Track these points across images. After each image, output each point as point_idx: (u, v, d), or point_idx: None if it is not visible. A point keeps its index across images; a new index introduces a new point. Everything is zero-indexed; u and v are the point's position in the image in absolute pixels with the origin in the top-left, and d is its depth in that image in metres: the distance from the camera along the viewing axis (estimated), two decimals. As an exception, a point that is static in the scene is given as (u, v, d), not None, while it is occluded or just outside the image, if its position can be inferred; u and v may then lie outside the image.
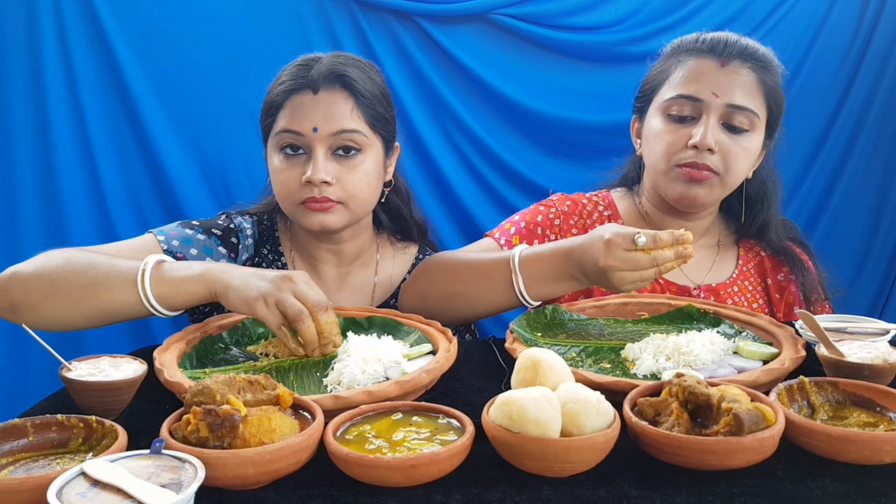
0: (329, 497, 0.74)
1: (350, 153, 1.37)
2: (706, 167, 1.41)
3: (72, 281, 1.13)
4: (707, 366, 1.04)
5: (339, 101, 1.36)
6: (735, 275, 1.55)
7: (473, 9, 2.36)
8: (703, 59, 1.44)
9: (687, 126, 1.43)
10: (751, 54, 1.43)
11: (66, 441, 0.81)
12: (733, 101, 1.40)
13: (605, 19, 2.42)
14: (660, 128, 1.46)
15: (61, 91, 2.25)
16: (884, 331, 1.14)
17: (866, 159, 2.55)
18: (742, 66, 1.42)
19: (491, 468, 0.79)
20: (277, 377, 1.04)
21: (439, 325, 1.20)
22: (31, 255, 1.19)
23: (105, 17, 2.25)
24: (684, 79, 1.44)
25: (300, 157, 1.37)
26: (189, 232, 1.41)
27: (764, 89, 1.43)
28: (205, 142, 2.35)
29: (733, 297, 1.52)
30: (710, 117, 1.40)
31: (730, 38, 1.44)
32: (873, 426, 0.84)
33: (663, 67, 1.50)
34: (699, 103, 1.41)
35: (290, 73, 1.40)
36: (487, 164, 2.49)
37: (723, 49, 1.42)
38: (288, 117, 1.37)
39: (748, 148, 1.44)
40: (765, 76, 1.43)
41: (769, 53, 1.46)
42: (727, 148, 1.41)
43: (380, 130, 1.42)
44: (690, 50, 1.46)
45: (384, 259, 1.57)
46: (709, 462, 0.76)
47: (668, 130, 1.44)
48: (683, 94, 1.43)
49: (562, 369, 0.87)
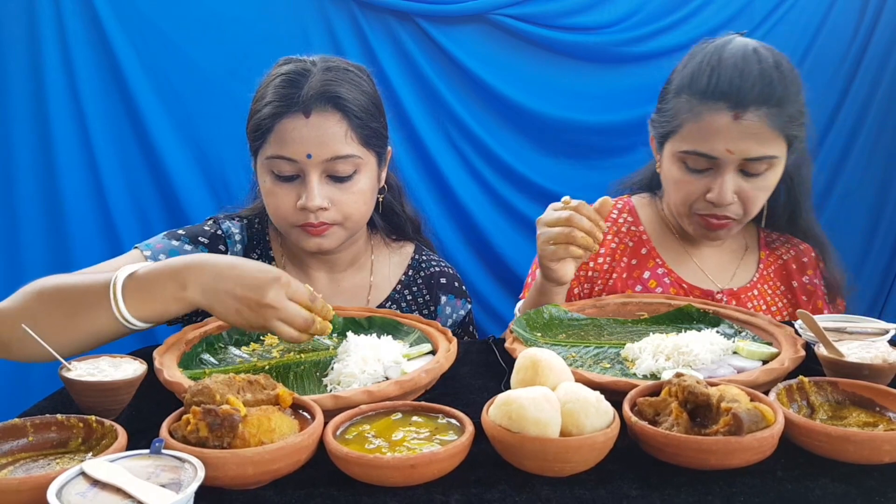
0: (329, 497, 0.74)
1: (345, 179, 1.32)
2: (725, 217, 1.39)
3: (51, 313, 1.06)
4: (707, 366, 1.04)
5: (333, 124, 1.30)
6: (755, 279, 1.55)
7: (473, 9, 2.36)
8: (715, 114, 1.33)
9: (704, 177, 1.38)
10: (766, 98, 1.31)
11: (65, 441, 0.81)
12: (749, 154, 1.33)
13: (605, 19, 2.43)
14: (677, 176, 1.42)
15: (61, 91, 2.26)
16: (883, 331, 1.14)
17: (865, 159, 2.55)
18: (757, 113, 1.31)
19: (490, 468, 0.79)
20: (277, 377, 1.04)
21: (439, 325, 1.20)
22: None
23: (105, 18, 2.25)
24: (697, 134, 1.36)
25: (294, 182, 1.32)
26: (175, 243, 1.37)
27: (780, 125, 1.33)
28: (205, 141, 2.36)
29: (753, 301, 1.52)
30: (726, 172, 1.35)
31: (744, 81, 1.31)
32: (873, 426, 0.84)
33: (676, 106, 1.39)
34: (714, 160, 1.35)
35: (278, 92, 1.30)
36: (487, 164, 2.49)
37: (737, 97, 1.31)
38: (278, 143, 1.30)
39: (768, 186, 1.39)
40: (781, 113, 1.32)
41: (787, 78, 1.34)
42: (746, 194, 1.37)
43: (374, 146, 1.37)
44: (703, 94, 1.34)
45: (379, 260, 1.54)
46: (708, 462, 0.76)
47: (685, 181, 1.40)
48: (698, 151, 1.36)
49: (561, 369, 0.87)
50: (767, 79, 1.31)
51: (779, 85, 1.32)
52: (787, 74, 1.34)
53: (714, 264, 1.56)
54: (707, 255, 1.57)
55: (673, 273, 1.52)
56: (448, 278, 1.55)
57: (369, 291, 1.50)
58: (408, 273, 1.54)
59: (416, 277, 1.54)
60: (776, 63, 1.34)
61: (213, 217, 1.50)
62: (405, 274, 1.54)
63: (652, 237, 1.57)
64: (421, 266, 1.55)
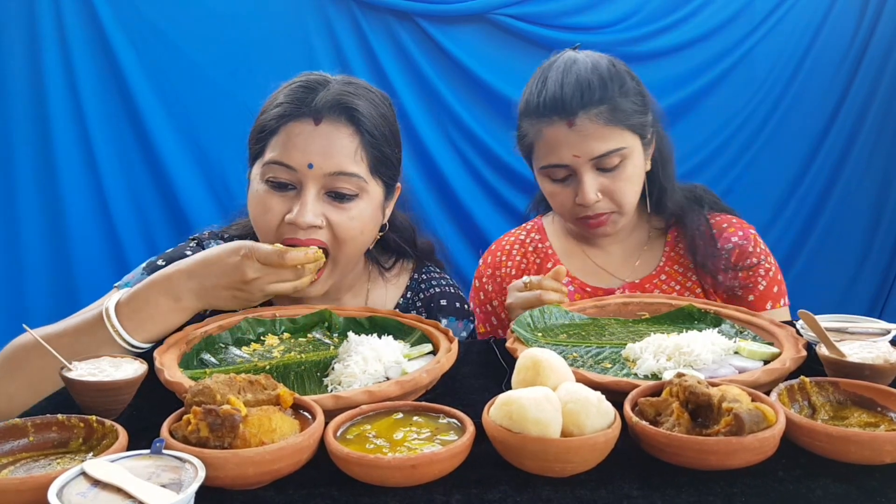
0: (329, 497, 0.74)
1: (344, 200, 1.23)
2: (600, 214, 1.47)
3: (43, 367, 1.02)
4: (708, 366, 1.04)
5: (343, 137, 1.21)
6: (662, 262, 1.59)
7: (473, 9, 2.37)
8: (552, 126, 1.43)
9: (569, 185, 1.47)
10: (588, 101, 1.40)
11: (66, 441, 0.81)
12: (594, 153, 1.42)
13: (604, 19, 2.43)
14: (549, 189, 1.52)
15: (61, 92, 2.26)
16: (885, 331, 1.14)
17: (865, 159, 2.56)
18: (586, 116, 1.40)
19: (491, 468, 0.79)
20: (278, 377, 1.04)
21: (440, 324, 1.20)
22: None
23: (105, 18, 2.25)
24: (546, 150, 1.46)
25: (287, 192, 1.23)
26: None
27: (618, 119, 1.42)
28: (205, 142, 2.36)
29: (661, 287, 1.56)
30: (584, 174, 1.44)
31: (565, 92, 1.41)
32: (874, 426, 0.84)
33: (524, 130, 1.51)
34: (567, 167, 1.45)
35: (290, 95, 1.23)
36: (487, 164, 2.49)
37: (563, 108, 1.41)
38: (281, 147, 1.21)
39: (630, 175, 1.46)
40: (612, 109, 1.41)
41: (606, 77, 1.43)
42: (611, 190, 1.45)
43: (382, 175, 1.28)
44: (540, 115, 1.45)
45: (375, 288, 1.46)
46: (709, 462, 0.76)
47: (556, 192, 1.50)
48: (551, 163, 1.46)
49: (562, 369, 0.87)
50: (585, 84, 1.41)
51: (598, 87, 1.41)
52: (605, 74, 1.43)
53: (617, 261, 1.62)
54: (609, 253, 1.63)
55: (576, 280, 1.60)
56: (448, 299, 1.47)
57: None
58: (406, 296, 1.47)
59: (415, 300, 1.47)
60: (594, 67, 1.44)
61: (195, 237, 1.41)
62: (403, 297, 1.47)
63: (558, 251, 1.66)
64: (420, 287, 1.48)
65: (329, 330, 1.25)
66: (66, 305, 1.55)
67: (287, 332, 1.23)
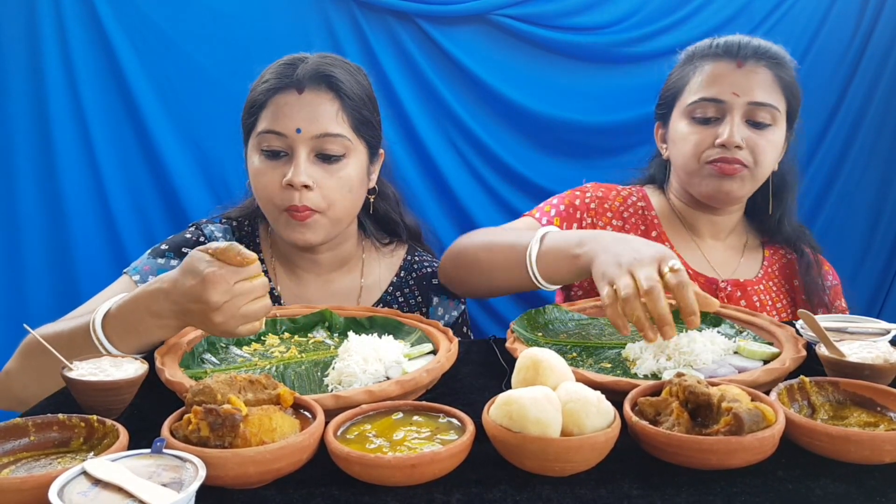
0: (330, 496, 0.74)
1: (332, 160, 1.35)
2: (737, 160, 1.45)
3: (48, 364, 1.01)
4: (707, 365, 1.04)
5: (325, 102, 1.34)
6: (760, 274, 1.59)
7: (473, 9, 2.36)
8: (719, 63, 1.48)
9: (712, 126, 1.48)
10: (764, 53, 1.47)
11: (67, 440, 0.81)
12: (754, 98, 1.45)
13: (604, 20, 2.43)
14: (686, 130, 1.51)
15: (62, 91, 2.26)
16: (884, 331, 1.14)
17: (864, 158, 2.55)
18: (757, 64, 1.46)
19: (491, 468, 0.79)
20: (278, 377, 1.05)
21: (440, 324, 1.20)
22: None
23: (105, 18, 2.25)
24: (704, 82, 1.49)
25: (281, 160, 1.34)
26: (161, 261, 1.37)
27: (781, 84, 1.48)
28: (205, 141, 2.36)
29: (759, 295, 1.55)
30: (734, 116, 1.45)
31: (742, 39, 1.49)
32: (874, 426, 0.84)
33: (681, 74, 1.55)
34: (721, 104, 1.46)
35: (275, 72, 1.37)
36: (487, 165, 2.49)
37: (737, 50, 1.47)
38: (270, 117, 1.34)
39: (773, 141, 1.48)
40: (780, 72, 1.48)
41: (781, 50, 1.51)
42: (754, 142, 1.46)
43: (364, 135, 1.40)
44: (706, 55, 1.51)
45: (370, 263, 1.54)
46: (709, 462, 0.76)
47: (695, 132, 1.49)
48: (706, 97, 1.48)
49: (562, 369, 0.87)
50: (764, 44, 1.49)
51: (776, 52, 1.49)
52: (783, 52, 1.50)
53: (718, 256, 1.60)
54: (711, 246, 1.61)
55: (680, 257, 1.54)
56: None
57: (360, 293, 1.50)
58: (399, 275, 1.53)
59: (408, 279, 1.54)
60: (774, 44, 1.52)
61: (194, 223, 1.48)
62: (396, 276, 1.53)
63: (662, 223, 1.61)
64: (413, 267, 1.55)
65: (329, 329, 1.25)
66: (67, 303, 1.55)
67: (287, 332, 1.24)
